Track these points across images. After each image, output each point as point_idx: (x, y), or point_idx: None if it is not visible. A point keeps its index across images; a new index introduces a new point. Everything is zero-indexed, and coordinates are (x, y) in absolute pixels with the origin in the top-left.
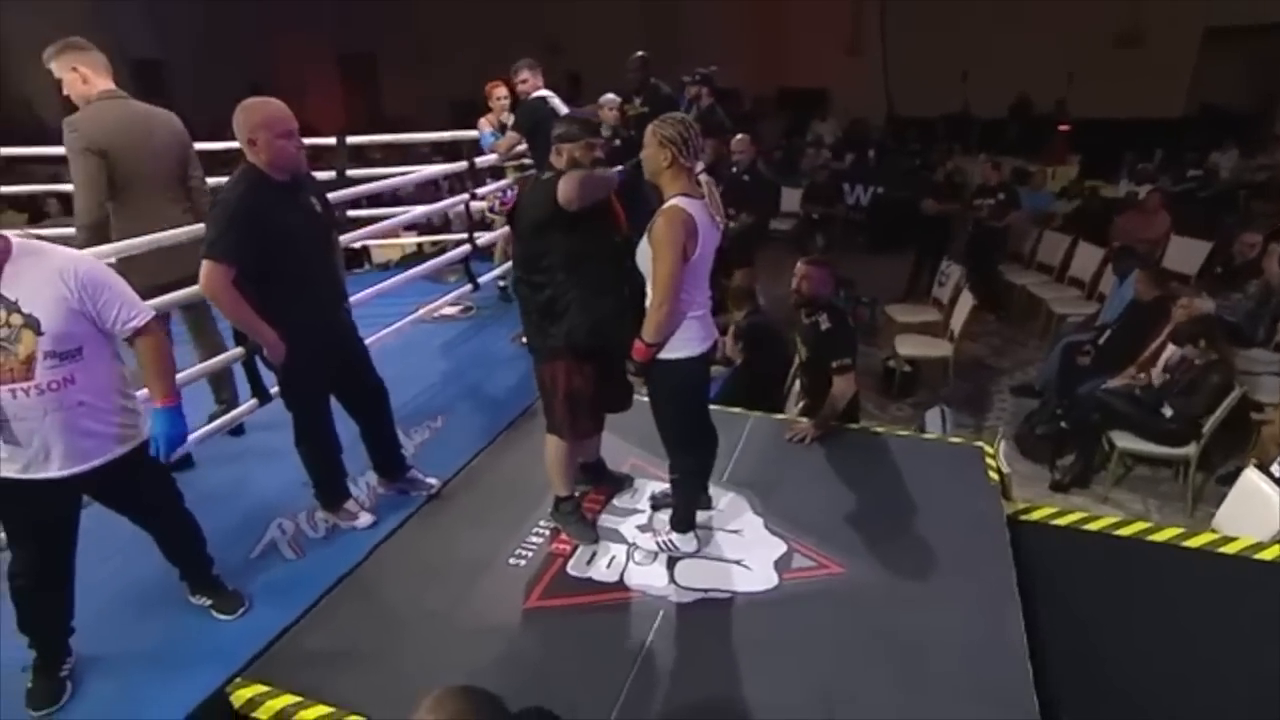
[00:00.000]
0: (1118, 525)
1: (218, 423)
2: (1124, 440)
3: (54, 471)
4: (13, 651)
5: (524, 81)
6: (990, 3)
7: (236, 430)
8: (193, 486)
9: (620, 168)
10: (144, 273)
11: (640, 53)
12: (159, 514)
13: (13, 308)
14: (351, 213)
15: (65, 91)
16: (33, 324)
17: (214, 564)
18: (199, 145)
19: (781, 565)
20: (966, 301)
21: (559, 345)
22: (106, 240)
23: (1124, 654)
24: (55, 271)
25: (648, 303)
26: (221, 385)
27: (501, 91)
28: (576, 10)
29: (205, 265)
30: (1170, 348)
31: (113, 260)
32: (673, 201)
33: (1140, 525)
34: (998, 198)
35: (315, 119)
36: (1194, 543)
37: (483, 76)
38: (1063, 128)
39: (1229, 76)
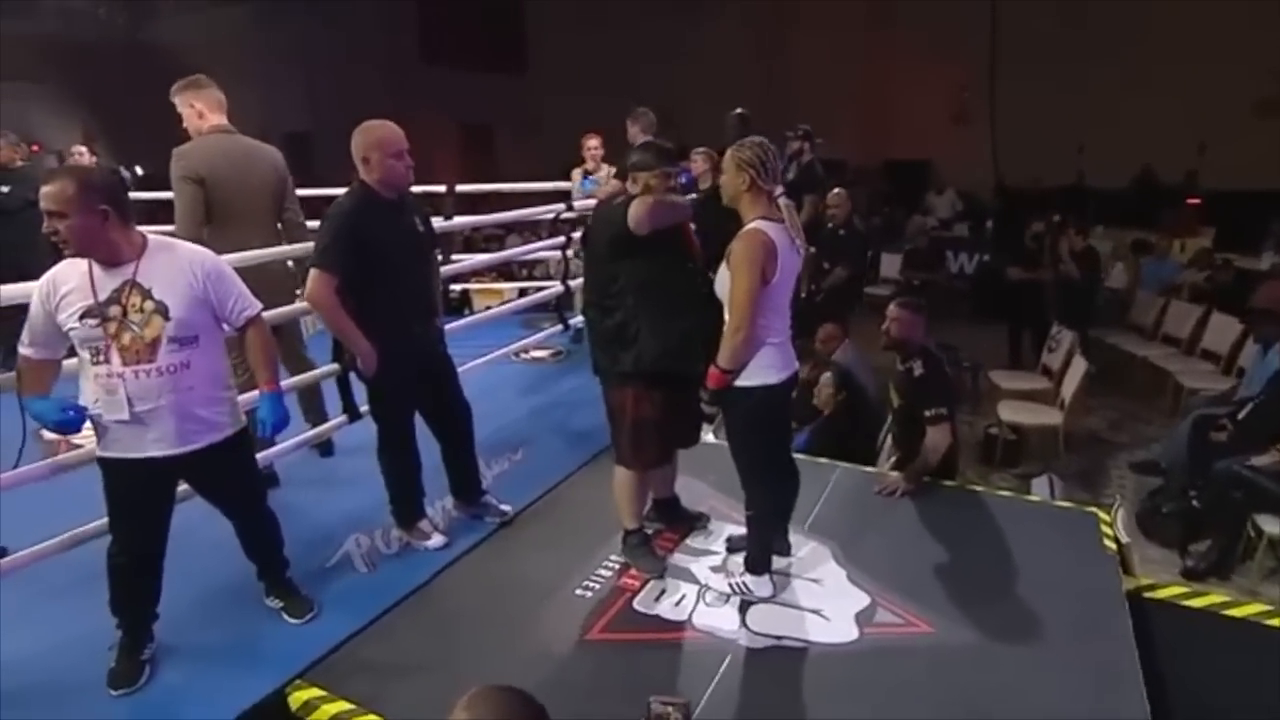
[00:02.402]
0: (1269, 614)
1: (309, 434)
2: (1273, 526)
3: (161, 450)
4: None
5: (626, 131)
6: (1109, 71)
7: (327, 451)
8: (279, 500)
9: (693, 195)
10: None
11: (739, 110)
12: (244, 504)
13: (147, 294)
14: (456, 257)
15: (184, 125)
16: (162, 310)
17: (289, 567)
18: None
19: (863, 619)
20: (1079, 368)
21: (628, 371)
22: None
23: None
24: (186, 263)
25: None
26: (311, 407)
27: (594, 142)
28: (691, 86)
29: (312, 273)
30: None
31: None
32: (752, 224)
33: None
34: (1061, 263)
35: (438, 181)
36: None
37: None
38: (1192, 201)
39: None
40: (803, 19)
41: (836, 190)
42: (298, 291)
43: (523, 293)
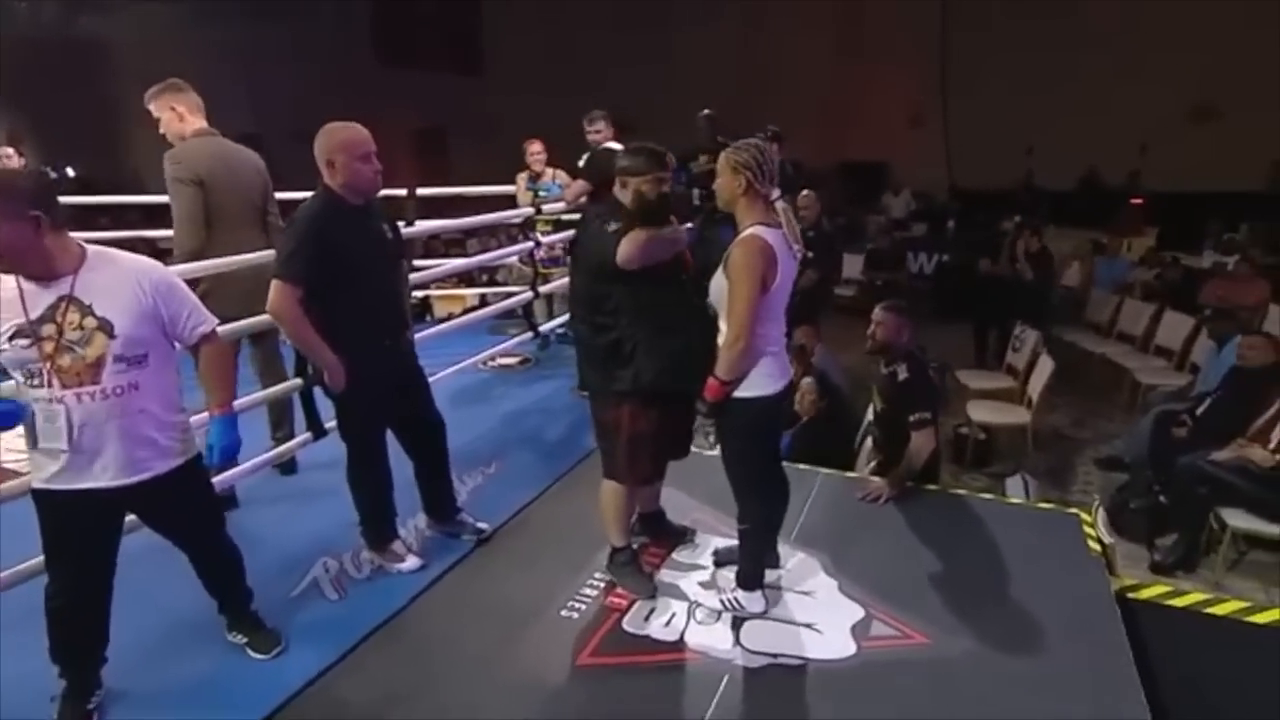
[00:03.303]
0: (1248, 611)
1: (270, 454)
2: (1237, 519)
3: (107, 481)
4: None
5: (598, 131)
6: (1056, 76)
7: (289, 469)
8: (241, 522)
9: (690, 225)
10: (228, 304)
11: (706, 110)
12: (201, 535)
13: (87, 311)
14: (418, 262)
15: (162, 129)
16: (106, 327)
17: (253, 598)
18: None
19: (859, 632)
20: (1045, 366)
21: (626, 390)
22: None
23: None
24: (131, 275)
25: (720, 340)
26: (280, 422)
27: (536, 147)
28: (652, 87)
29: (274, 284)
30: None
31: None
32: (750, 230)
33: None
34: (1016, 263)
35: (395, 185)
36: None
37: (551, 151)
38: (1135, 201)
39: None
40: (767, 22)
41: (806, 192)
42: None
43: (484, 298)
